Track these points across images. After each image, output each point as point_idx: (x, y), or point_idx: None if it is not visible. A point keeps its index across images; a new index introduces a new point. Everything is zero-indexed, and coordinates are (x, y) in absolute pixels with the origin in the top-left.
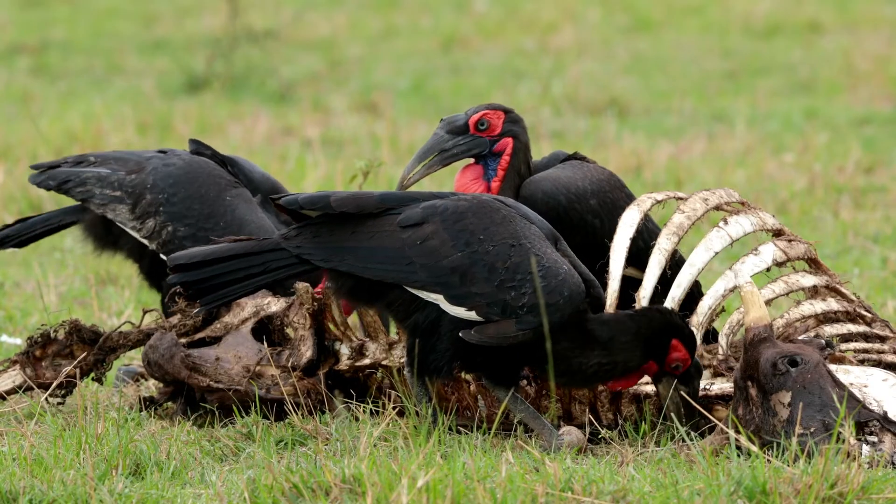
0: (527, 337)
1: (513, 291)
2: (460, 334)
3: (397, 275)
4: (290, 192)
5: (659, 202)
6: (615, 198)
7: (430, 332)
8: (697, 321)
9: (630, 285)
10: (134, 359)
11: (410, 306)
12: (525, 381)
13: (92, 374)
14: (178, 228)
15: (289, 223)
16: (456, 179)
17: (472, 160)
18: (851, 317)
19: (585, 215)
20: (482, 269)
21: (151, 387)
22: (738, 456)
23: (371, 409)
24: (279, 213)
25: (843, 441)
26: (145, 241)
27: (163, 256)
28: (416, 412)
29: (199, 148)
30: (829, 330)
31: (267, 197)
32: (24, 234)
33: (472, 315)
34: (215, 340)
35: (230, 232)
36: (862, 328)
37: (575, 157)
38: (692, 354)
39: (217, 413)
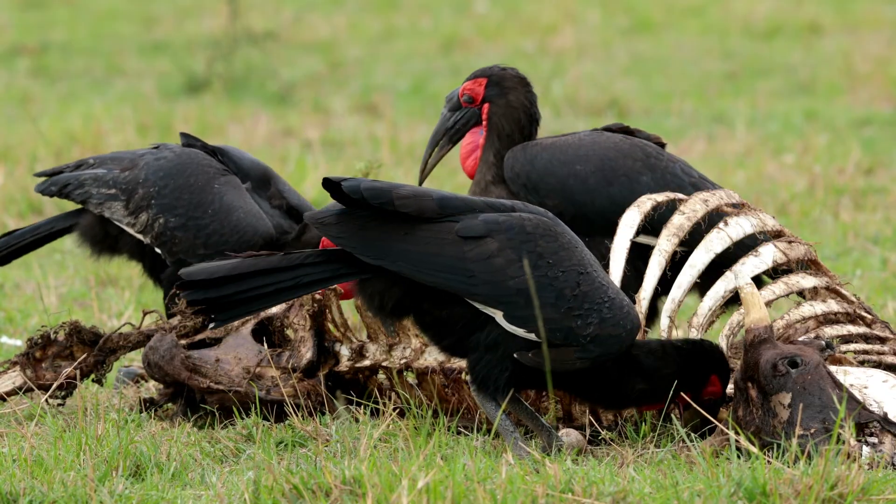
0: (584, 365)
1: (579, 320)
2: (515, 355)
3: (457, 285)
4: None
5: (659, 203)
6: (619, 166)
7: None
8: (698, 322)
9: (630, 286)
10: (134, 360)
11: (462, 322)
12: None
13: (92, 376)
14: (168, 219)
15: (280, 208)
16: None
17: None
18: (851, 318)
19: (567, 179)
20: (550, 294)
21: (151, 388)
22: (739, 457)
23: (371, 410)
24: (271, 199)
25: (844, 442)
26: (140, 236)
27: (157, 250)
28: (417, 413)
29: (189, 140)
30: (830, 331)
31: (324, 179)
32: (12, 245)
33: (531, 336)
34: (215, 342)
35: (219, 219)
36: (862, 329)
37: (610, 128)
38: (725, 389)
39: (217, 414)
